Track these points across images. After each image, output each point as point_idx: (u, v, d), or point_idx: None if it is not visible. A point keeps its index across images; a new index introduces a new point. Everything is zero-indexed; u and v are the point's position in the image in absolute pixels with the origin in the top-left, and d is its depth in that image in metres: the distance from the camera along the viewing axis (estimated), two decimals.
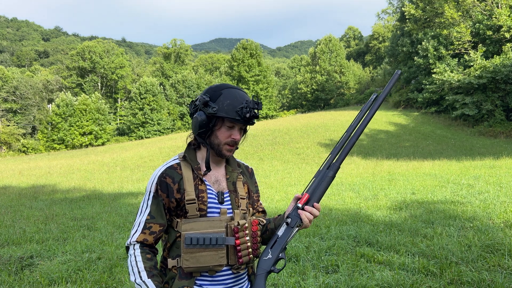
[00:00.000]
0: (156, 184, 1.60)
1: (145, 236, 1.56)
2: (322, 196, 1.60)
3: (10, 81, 54.67)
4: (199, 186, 1.61)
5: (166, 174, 1.60)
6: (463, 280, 3.71)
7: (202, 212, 1.58)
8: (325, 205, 8.11)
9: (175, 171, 1.61)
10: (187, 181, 1.59)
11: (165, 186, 1.59)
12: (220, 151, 1.62)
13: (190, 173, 1.62)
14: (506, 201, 7.21)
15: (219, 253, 1.53)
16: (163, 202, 1.59)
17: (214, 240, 1.52)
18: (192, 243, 1.51)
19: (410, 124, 30.23)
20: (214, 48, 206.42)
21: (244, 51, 53.42)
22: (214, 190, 1.64)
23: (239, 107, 1.55)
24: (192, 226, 1.55)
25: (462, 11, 31.09)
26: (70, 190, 13.47)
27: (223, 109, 1.55)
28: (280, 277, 4.03)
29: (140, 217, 1.60)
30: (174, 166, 1.63)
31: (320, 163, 19.02)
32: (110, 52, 60.21)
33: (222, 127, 1.59)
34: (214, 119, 1.58)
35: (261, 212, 1.86)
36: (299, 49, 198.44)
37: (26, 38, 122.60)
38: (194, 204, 1.57)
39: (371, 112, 1.66)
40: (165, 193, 1.59)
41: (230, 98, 1.57)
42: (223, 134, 1.60)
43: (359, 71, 58.92)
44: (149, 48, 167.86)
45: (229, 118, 1.55)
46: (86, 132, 48.48)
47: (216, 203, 1.62)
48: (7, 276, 4.31)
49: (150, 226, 1.57)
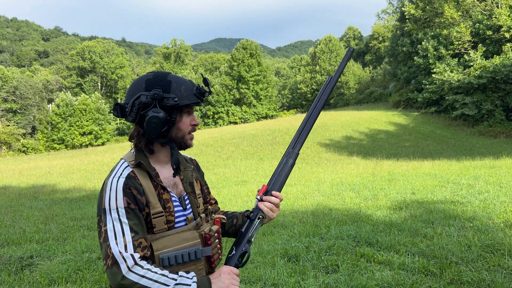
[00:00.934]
0: (124, 197, 1.32)
1: (145, 252, 1.31)
2: (283, 185, 1.56)
3: (10, 81, 54.68)
4: (163, 195, 1.41)
5: (130, 185, 1.34)
6: (463, 280, 3.71)
7: (170, 224, 1.40)
8: (325, 205, 8.11)
9: (135, 181, 1.36)
10: (149, 192, 1.37)
11: (133, 199, 1.33)
12: (185, 143, 1.48)
13: (149, 182, 1.39)
14: (506, 201, 7.21)
15: (198, 266, 1.42)
16: (141, 213, 1.35)
17: (192, 255, 1.38)
18: (170, 263, 1.34)
19: (410, 124, 30.23)
20: (214, 48, 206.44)
21: (244, 51, 53.42)
22: (176, 195, 1.47)
23: (195, 89, 1.43)
24: (163, 243, 1.36)
25: (462, 11, 31.09)
26: (70, 190, 13.47)
27: (183, 96, 1.39)
28: (280, 277, 4.03)
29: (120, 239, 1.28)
30: (132, 175, 1.37)
31: (320, 163, 19.01)
32: (110, 52, 60.24)
33: (183, 117, 1.45)
34: (175, 111, 1.41)
35: (214, 204, 1.74)
36: (299, 49, 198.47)
37: (26, 38, 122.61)
38: (161, 217, 1.37)
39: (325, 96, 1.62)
40: (137, 206, 1.34)
41: (181, 83, 1.42)
42: (185, 124, 1.45)
43: (359, 71, 58.92)
44: (149, 48, 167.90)
45: (192, 103, 1.41)
46: (86, 132, 48.49)
47: (181, 211, 1.46)
48: (7, 276, 4.31)
49: (140, 242, 1.31)
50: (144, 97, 1.36)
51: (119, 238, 1.28)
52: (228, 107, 52.90)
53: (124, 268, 1.24)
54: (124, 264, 1.25)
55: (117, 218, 1.30)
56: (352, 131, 27.33)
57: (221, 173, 16.87)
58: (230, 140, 26.72)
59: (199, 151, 24.41)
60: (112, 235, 1.29)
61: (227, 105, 52.85)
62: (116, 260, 1.25)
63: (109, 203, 1.32)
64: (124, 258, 1.25)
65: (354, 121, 30.62)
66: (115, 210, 1.31)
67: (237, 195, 10.15)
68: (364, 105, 45.00)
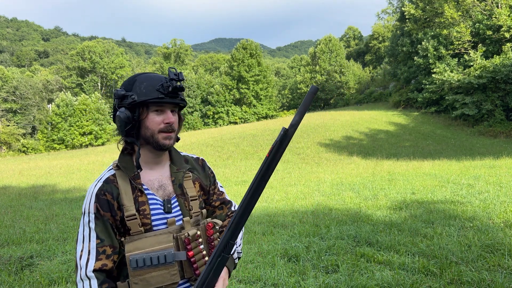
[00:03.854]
0: (95, 203, 1.38)
1: (103, 262, 1.35)
2: None
3: (10, 81, 54.66)
4: (139, 197, 1.42)
5: (104, 191, 1.39)
6: (463, 280, 3.71)
7: (146, 227, 1.40)
8: (325, 205, 8.11)
9: (112, 185, 1.41)
10: (125, 195, 1.40)
11: (106, 204, 1.38)
12: (157, 142, 1.43)
13: (128, 184, 1.42)
14: (506, 201, 7.21)
15: (171, 271, 1.38)
16: (109, 221, 1.39)
17: (162, 258, 1.35)
18: (138, 265, 1.33)
19: (410, 124, 30.22)
20: (214, 48, 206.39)
21: (244, 51, 53.41)
22: (159, 198, 1.46)
23: (159, 85, 1.39)
24: (136, 245, 1.37)
25: (462, 11, 31.08)
26: (70, 190, 13.46)
27: (142, 93, 1.38)
28: (280, 277, 4.03)
29: (86, 244, 1.36)
30: (111, 178, 1.43)
31: (320, 163, 19.01)
32: (110, 52, 60.24)
33: (149, 114, 1.41)
34: (137, 109, 1.40)
35: (217, 208, 1.64)
36: (299, 49, 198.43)
37: (26, 38, 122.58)
38: (135, 220, 1.38)
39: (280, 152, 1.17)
40: (108, 212, 1.39)
41: (146, 80, 1.41)
42: (152, 122, 1.41)
43: (359, 71, 58.90)
44: (149, 48, 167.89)
45: (152, 100, 1.38)
46: (86, 132, 48.48)
47: (161, 214, 1.44)
48: (7, 276, 4.31)
49: (104, 250, 1.36)
50: (114, 97, 1.43)
51: (85, 243, 1.37)
52: (228, 107, 52.89)
53: (77, 275, 1.35)
54: (78, 272, 1.35)
55: (87, 223, 1.38)
56: (352, 131, 27.33)
57: (221, 173, 16.88)
58: (230, 140, 26.72)
59: (199, 151, 24.42)
60: (80, 238, 1.39)
61: (227, 105, 52.85)
62: (76, 265, 1.38)
63: (84, 207, 1.41)
64: (79, 267, 1.35)
65: (354, 121, 30.61)
66: (87, 214, 1.39)
67: (237, 195, 10.15)
68: (364, 105, 44.98)
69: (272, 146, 1.16)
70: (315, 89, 1.16)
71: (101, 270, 1.36)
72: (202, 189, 1.59)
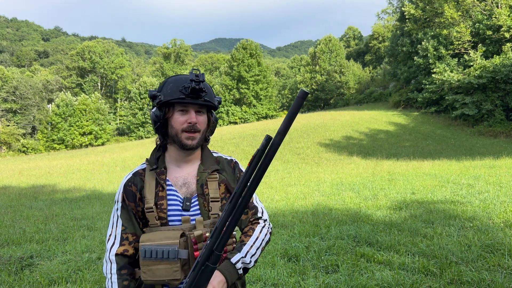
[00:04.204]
0: (123, 193, 1.52)
1: (125, 247, 1.49)
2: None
3: (10, 81, 54.66)
4: (160, 192, 1.50)
5: (131, 182, 1.53)
6: (463, 280, 3.71)
7: (162, 221, 1.48)
8: (325, 205, 8.11)
9: (139, 178, 1.54)
10: (148, 188, 1.50)
11: (131, 195, 1.51)
12: (180, 141, 1.50)
13: (153, 179, 1.52)
14: (506, 201, 7.21)
15: (173, 267, 1.41)
16: (132, 211, 1.51)
17: (166, 253, 1.39)
18: (146, 256, 1.40)
19: (410, 124, 30.21)
20: (214, 48, 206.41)
21: (244, 51, 53.41)
22: (181, 195, 1.52)
23: (182, 86, 1.46)
24: (149, 236, 1.45)
25: (462, 11, 31.08)
26: (70, 190, 13.46)
27: (168, 93, 1.47)
28: (280, 277, 4.03)
29: (114, 229, 1.52)
30: (140, 172, 1.55)
31: (320, 163, 19.01)
32: (110, 52, 60.23)
33: (174, 114, 1.49)
34: (164, 108, 1.49)
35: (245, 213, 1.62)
36: (299, 49, 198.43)
37: (26, 38, 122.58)
38: (152, 213, 1.47)
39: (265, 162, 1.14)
40: (133, 202, 1.51)
41: (173, 82, 1.49)
42: (177, 121, 1.48)
43: (359, 71, 58.90)
44: (149, 48, 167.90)
45: (175, 100, 1.45)
46: (86, 132, 48.49)
47: (179, 210, 1.50)
48: (7, 276, 4.31)
49: (127, 237, 1.50)
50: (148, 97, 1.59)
51: (113, 228, 1.53)
52: (228, 107, 52.89)
53: (104, 256, 1.52)
54: (108, 252, 1.50)
55: (116, 210, 1.54)
56: (352, 131, 27.32)
57: None
58: (230, 140, 26.72)
59: None
60: (110, 223, 1.55)
61: (227, 105, 52.85)
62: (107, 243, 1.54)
63: (116, 196, 1.56)
64: (106, 249, 1.52)
65: (354, 121, 30.61)
66: (116, 202, 1.55)
67: None
68: (364, 105, 44.97)
69: (254, 155, 1.12)
70: (304, 94, 1.08)
71: (123, 255, 1.49)
72: (228, 191, 1.59)
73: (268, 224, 1.63)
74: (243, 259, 1.47)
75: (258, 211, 1.63)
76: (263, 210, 1.66)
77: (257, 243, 1.53)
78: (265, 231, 1.59)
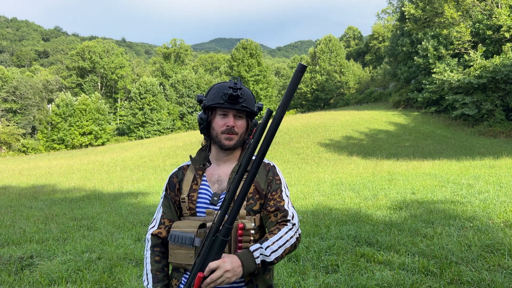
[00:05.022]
0: (167, 183, 1.76)
1: (160, 230, 1.70)
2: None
3: (10, 81, 54.68)
4: (194, 186, 1.69)
5: (175, 175, 1.76)
6: (463, 280, 3.71)
7: (192, 211, 1.65)
8: (325, 205, 8.11)
9: (182, 172, 1.76)
10: (186, 181, 1.70)
11: (173, 186, 1.74)
12: (219, 142, 1.65)
13: (193, 174, 1.72)
14: (506, 201, 7.21)
15: (189, 253, 1.52)
16: (172, 200, 1.73)
17: (184, 240, 1.52)
18: (171, 240, 1.56)
19: (410, 124, 30.22)
20: (214, 48, 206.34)
21: (244, 51, 53.41)
22: (212, 190, 1.67)
23: (223, 92, 1.60)
24: (178, 224, 1.62)
25: (462, 11, 31.08)
26: (70, 190, 13.46)
27: (211, 98, 1.63)
28: (280, 277, 4.03)
29: (156, 214, 1.76)
30: (184, 167, 1.78)
31: (320, 163, 19.01)
32: (110, 52, 60.20)
33: (216, 117, 1.65)
34: (208, 111, 1.67)
35: (272, 213, 1.63)
36: (299, 49, 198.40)
37: (26, 38, 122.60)
38: (185, 203, 1.66)
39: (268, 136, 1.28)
40: (173, 192, 1.73)
41: (217, 88, 1.65)
42: (217, 124, 1.64)
43: (359, 71, 58.91)
44: (149, 48, 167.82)
45: (215, 105, 1.61)
46: (86, 132, 48.48)
47: (207, 204, 1.64)
48: (7, 276, 4.31)
49: (164, 221, 1.72)
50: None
51: (157, 213, 1.77)
52: None
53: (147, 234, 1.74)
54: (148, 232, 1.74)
55: (161, 198, 1.77)
56: (352, 131, 27.33)
57: None
58: None
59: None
60: (157, 208, 1.78)
61: None
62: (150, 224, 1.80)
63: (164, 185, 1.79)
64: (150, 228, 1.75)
65: (354, 121, 30.61)
66: (163, 191, 1.78)
67: None
68: (364, 105, 44.97)
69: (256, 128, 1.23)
70: (303, 67, 1.16)
71: (157, 236, 1.70)
72: (257, 193, 1.65)
73: (296, 228, 1.62)
74: (262, 250, 1.47)
75: (288, 214, 1.64)
76: (294, 214, 1.67)
77: (280, 241, 1.53)
78: (291, 233, 1.58)
